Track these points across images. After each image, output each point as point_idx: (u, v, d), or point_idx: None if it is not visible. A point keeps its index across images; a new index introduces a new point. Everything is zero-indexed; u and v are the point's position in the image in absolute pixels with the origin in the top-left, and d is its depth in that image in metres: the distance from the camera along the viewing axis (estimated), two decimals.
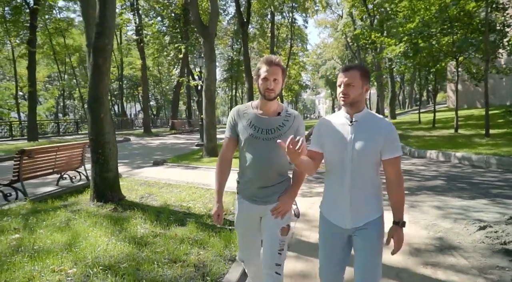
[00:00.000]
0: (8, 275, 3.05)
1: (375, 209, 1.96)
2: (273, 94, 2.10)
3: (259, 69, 2.13)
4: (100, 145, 5.55)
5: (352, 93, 1.89)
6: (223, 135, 2.34)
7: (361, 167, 1.90)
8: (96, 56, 5.33)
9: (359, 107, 1.94)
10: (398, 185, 1.94)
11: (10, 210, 5.30)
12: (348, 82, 1.88)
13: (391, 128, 1.91)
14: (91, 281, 2.95)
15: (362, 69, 1.92)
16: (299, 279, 3.13)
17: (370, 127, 1.91)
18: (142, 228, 4.31)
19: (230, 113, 2.26)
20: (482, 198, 5.63)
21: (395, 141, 1.91)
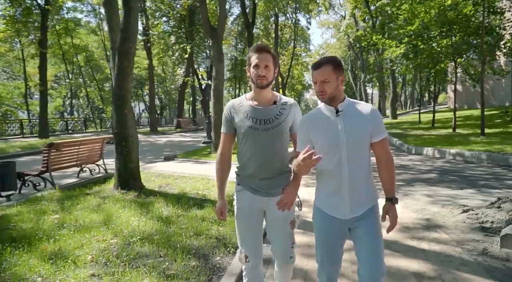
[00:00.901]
0: (62, 243, 3.65)
1: (371, 196, 2.00)
2: (265, 81, 2.05)
3: (249, 58, 2.10)
4: (124, 138, 6.15)
5: (329, 89, 1.89)
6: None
7: (357, 154, 1.92)
8: (121, 58, 5.93)
9: (340, 98, 1.95)
10: (389, 164, 1.99)
11: (43, 196, 5.90)
12: (322, 79, 1.88)
13: (376, 111, 1.96)
14: (132, 248, 3.54)
15: (333, 62, 1.91)
16: (305, 248, 3.71)
17: (357, 114, 1.94)
18: (165, 210, 4.90)
19: (225, 109, 2.21)
20: (469, 188, 6.19)
21: (381, 123, 1.96)
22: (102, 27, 34.10)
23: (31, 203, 5.43)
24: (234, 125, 2.16)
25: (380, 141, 1.95)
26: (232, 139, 2.23)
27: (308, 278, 3.07)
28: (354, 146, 1.90)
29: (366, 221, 1.95)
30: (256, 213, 2.20)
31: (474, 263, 3.28)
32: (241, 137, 2.15)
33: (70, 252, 3.41)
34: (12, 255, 3.35)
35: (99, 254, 3.38)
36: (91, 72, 37.39)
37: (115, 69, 6.02)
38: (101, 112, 44.08)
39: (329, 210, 2.00)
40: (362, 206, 1.96)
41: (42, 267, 3.09)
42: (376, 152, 2.00)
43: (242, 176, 2.20)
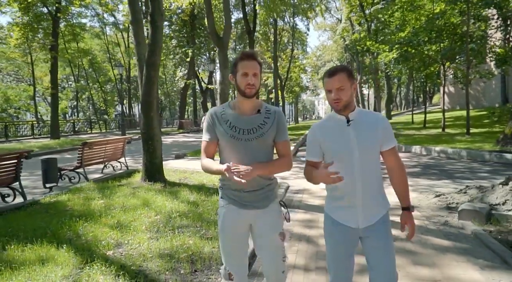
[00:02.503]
0: (119, 217, 4.67)
1: (384, 203, 2.01)
2: (254, 90, 1.97)
3: (236, 65, 2.00)
4: (150, 137, 7.17)
5: (345, 96, 1.88)
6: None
7: (368, 164, 1.92)
8: (149, 69, 6.94)
9: (351, 107, 1.94)
10: (401, 172, 2.00)
11: (82, 187, 6.89)
12: (338, 86, 1.87)
13: (385, 120, 1.98)
14: (174, 221, 4.57)
15: (347, 69, 1.92)
16: (307, 222, 4.74)
17: (367, 123, 1.94)
18: (191, 197, 5.92)
19: (207, 116, 2.13)
20: (446, 179, 7.26)
21: (391, 131, 1.97)
22: (105, 31, 35.10)
23: (75, 192, 6.43)
24: (216, 134, 2.05)
25: (390, 149, 1.97)
26: (214, 148, 2.09)
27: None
28: (366, 155, 1.91)
29: (379, 228, 1.95)
30: (241, 229, 2.09)
31: (436, 230, 4.32)
32: (223, 147, 2.06)
33: (127, 224, 4.43)
34: (83, 226, 4.36)
35: (150, 225, 4.40)
36: (94, 75, 38.34)
37: (143, 79, 7.02)
38: (103, 114, 45.03)
39: (341, 218, 1.99)
40: (375, 214, 1.96)
41: (111, 233, 4.11)
42: (387, 161, 2.01)
43: (226, 189, 2.09)
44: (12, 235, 4.05)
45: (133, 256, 3.51)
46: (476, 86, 28.66)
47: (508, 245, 3.68)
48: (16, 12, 20.05)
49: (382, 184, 2.01)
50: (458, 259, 3.49)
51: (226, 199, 2.08)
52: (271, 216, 2.08)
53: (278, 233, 2.07)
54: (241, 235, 2.10)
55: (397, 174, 2.00)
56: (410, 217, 1.97)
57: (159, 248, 3.67)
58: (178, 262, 3.38)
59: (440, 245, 3.85)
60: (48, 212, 5.20)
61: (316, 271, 3.33)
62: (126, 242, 3.89)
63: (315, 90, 73.95)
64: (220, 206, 2.14)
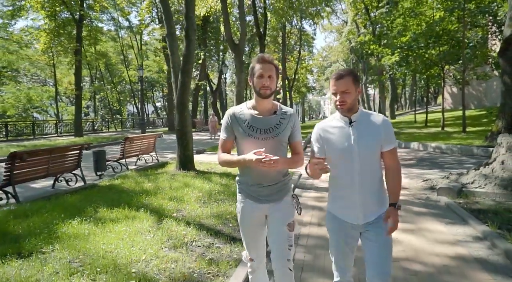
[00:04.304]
0: (170, 194, 5.98)
1: (383, 202, 2.07)
2: (268, 91, 2.11)
3: (253, 68, 2.15)
4: (184, 133, 8.49)
5: (349, 99, 1.96)
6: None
7: (368, 164, 2.00)
8: (184, 76, 8.26)
9: (355, 109, 2.01)
10: (397, 172, 2.07)
11: (127, 175, 8.22)
12: (343, 89, 1.95)
13: (387, 122, 2.03)
14: (215, 195, 5.87)
15: (353, 74, 1.99)
16: (318, 198, 6.01)
17: (369, 125, 2.01)
18: (222, 180, 7.22)
19: (225, 115, 2.25)
20: (436, 169, 8.50)
21: (392, 133, 2.04)
22: (120, 34, 36.61)
23: (124, 178, 7.76)
24: (233, 132, 2.20)
25: (390, 150, 2.04)
26: (231, 146, 2.26)
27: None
28: (366, 155, 1.99)
29: (377, 225, 2.03)
30: (258, 221, 2.26)
31: (418, 202, 5.59)
32: (240, 145, 2.20)
33: (179, 198, 5.74)
34: (146, 199, 5.68)
35: (197, 199, 5.71)
36: (108, 76, 39.92)
37: (179, 84, 8.33)
38: (116, 113, 46.65)
39: (342, 215, 2.10)
40: (374, 212, 2.04)
41: (170, 203, 5.42)
42: (385, 161, 2.08)
43: (243, 184, 2.26)
44: (96, 204, 5.38)
45: (192, 216, 4.82)
46: (478, 87, 29.66)
47: (469, 211, 4.93)
48: (43, 19, 21.48)
49: (382, 184, 2.10)
50: (430, 219, 4.76)
51: (243, 194, 2.26)
52: (284, 208, 2.22)
53: (287, 223, 2.21)
54: (258, 226, 2.27)
55: (393, 174, 2.07)
56: (394, 213, 2.00)
57: (209, 212, 4.99)
58: (226, 220, 4.69)
59: (419, 211, 5.12)
60: (111, 190, 6.53)
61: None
62: (183, 208, 5.21)
63: (321, 91, 75.09)
64: (238, 201, 2.32)
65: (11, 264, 3.26)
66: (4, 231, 4.18)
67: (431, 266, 3.37)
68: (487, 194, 5.48)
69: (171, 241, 3.91)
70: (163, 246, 3.77)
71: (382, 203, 2.07)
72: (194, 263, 3.40)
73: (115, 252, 3.53)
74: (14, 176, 5.98)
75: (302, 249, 3.84)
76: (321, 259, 3.59)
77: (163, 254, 3.54)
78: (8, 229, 4.27)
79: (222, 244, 3.92)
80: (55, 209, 5.10)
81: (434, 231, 4.30)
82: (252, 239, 2.30)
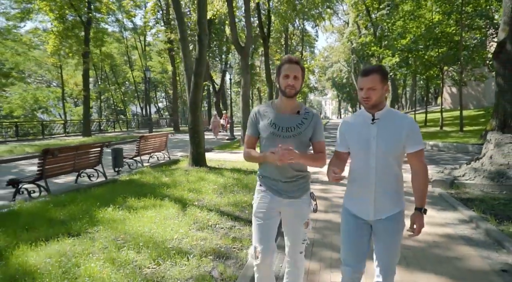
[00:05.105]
0: (188, 186, 6.56)
1: (397, 203, 2.06)
2: (293, 90, 2.17)
3: (279, 68, 2.21)
4: (196, 131, 9.07)
5: (374, 96, 1.97)
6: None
7: (386, 163, 1.99)
8: (196, 78, 8.84)
9: (381, 106, 2.02)
10: (423, 175, 2.04)
11: (143, 171, 8.80)
12: (369, 86, 1.95)
13: (413, 124, 1.99)
14: (229, 187, 6.45)
15: (381, 71, 1.98)
16: (323, 190, 6.59)
17: (392, 124, 1.99)
18: (233, 175, 7.80)
19: (252, 113, 2.35)
20: (433, 165, 9.05)
21: (418, 134, 1.99)
22: (125, 35, 37.24)
23: (141, 174, 8.34)
24: (258, 129, 2.30)
25: (416, 152, 2.00)
26: (255, 142, 2.37)
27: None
28: (384, 154, 1.98)
29: (389, 223, 2.05)
30: (273, 215, 2.31)
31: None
32: (264, 141, 2.28)
33: (197, 190, 6.32)
34: (167, 191, 6.26)
35: (213, 190, 6.29)
36: (112, 77, 40.55)
37: (192, 85, 8.91)
38: (120, 113, 47.29)
39: (355, 210, 2.13)
40: (386, 211, 2.04)
41: (189, 194, 6.01)
42: (410, 163, 2.06)
43: (265, 178, 2.33)
44: (123, 194, 5.95)
45: (211, 205, 5.40)
46: (477, 87, 30.21)
47: (459, 199, 5.50)
48: (51, 21, 22.06)
49: (401, 184, 2.09)
50: None
51: (265, 187, 2.32)
52: (302, 207, 2.30)
53: (304, 222, 2.31)
54: (272, 221, 2.31)
55: (418, 176, 2.05)
56: (420, 218, 1.98)
57: (227, 201, 5.57)
58: (243, 208, 5.27)
59: (413, 201, 5.68)
60: (132, 184, 7.11)
61: (332, 212, 5.19)
62: (202, 198, 5.80)
63: (322, 91, 75.65)
64: (256, 192, 2.38)
65: (64, 242, 3.84)
66: (50, 217, 4.77)
67: (423, 242, 3.94)
68: (476, 185, 6.05)
69: (197, 224, 4.49)
70: (190, 228, 4.35)
71: (396, 204, 2.06)
72: (220, 240, 3.98)
73: (151, 233, 4.10)
74: (46, 171, 6.57)
75: (312, 230, 4.41)
76: (328, 237, 4.17)
77: (192, 234, 4.12)
78: (52, 215, 4.86)
79: (242, 226, 4.50)
80: (87, 199, 5.68)
81: (427, 216, 4.82)
82: (265, 231, 2.29)
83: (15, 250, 3.59)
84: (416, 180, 2.06)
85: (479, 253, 3.64)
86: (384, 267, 2.09)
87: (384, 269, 2.09)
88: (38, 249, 3.64)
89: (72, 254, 3.51)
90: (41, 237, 3.95)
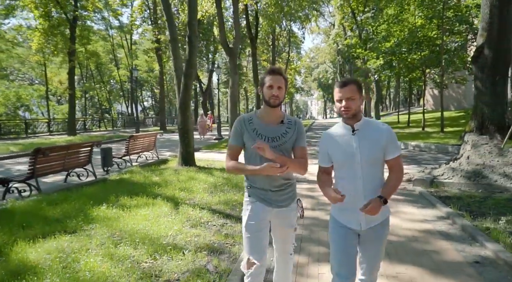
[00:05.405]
0: (179, 185, 6.71)
1: (384, 210, 2.08)
2: (277, 100, 2.23)
3: (263, 79, 2.27)
4: (186, 131, 9.21)
5: (354, 105, 2.03)
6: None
7: (371, 171, 2.06)
8: (186, 79, 8.98)
9: (358, 117, 2.09)
10: (399, 175, 2.11)
11: (133, 170, 8.89)
12: (348, 96, 2.02)
13: (390, 131, 2.09)
14: (220, 186, 6.63)
15: (357, 82, 2.08)
16: (310, 189, 6.83)
17: (372, 133, 2.07)
18: (223, 175, 7.98)
19: (236, 123, 2.36)
20: (414, 165, 9.42)
21: (395, 141, 2.09)
22: (111, 34, 36.91)
23: (131, 173, 8.43)
24: (243, 140, 2.32)
25: (393, 158, 2.08)
26: (240, 152, 2.37)
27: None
28: (368, 163, 2.04)
29: (378, 230, 2.12)
30: (264, 225, 2.35)
31: (396, 191, 6.44)
32: (249, 151, 2.31)
33: (188, 189, 6.48)
34: (158, 190, 6.40)
35: (204, 189, 6.46)
36: (97, 75, 40.13)
37: (182, 86, 9.04)
38: (105, 112, 46.81)
39: (345, 220, 2.15)
40: (376, 219, 2.09)
41: (181, 193, 6.16)
42: (390, 166, 2.13)
43: (254, 188, 2.34)
44: (115, 193, 6.06)
45: (203, 203, 5.58)
46: (458, 89, 31.11)
47: (438, 197, 5.82)
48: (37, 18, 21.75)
49: None
50: (406, 204, 5.63)
51: (254, 197, 2.34)
52: (290, 215, 2.37)
53: (293, 229, 2.39)
54: (264, 231, 2.34)
55: (395, 174, 2.10)
56: (377, 204, 1.95)
57: (218, 200, 5.75)
58: (234, 206, 5.46)
59: (397, 198, 5.99)
60: (122, 183, 7.22)
61: (318, 210, 5.43)
62: (193, 197, 5.96)
63: (308, 92, 76.36)
64: (245, 203, 2.39)
65: (62, 239, 3.97)
66: (44, 215, 4.87)
67: (403, 237, 4.22)
68: (454, 184, 6.39)
69: (190, 221, 4.67)
70: (184, 225, 4.52)
71: (384, 211, 2.08)
72: (213, 236, 4.17)
73: (146, 230, 4.26)
74: (37, 170, 6.63)
75: (300, 227, 4.64)
76: (315, 233, 4.40)
77: (186, 231, 4.29)
78: (47, 214, 4.96)
79: (233, 223, 4.69)
80: (80, 198, 5.78)
81: (408, 213, 5.17)
82: (259, 240, 2.32)
83: (14, 246, 3.71)
84: (392, 176, 2.11)
85: (455, 247, 3.92)
86: (372, 268, 2.20)
87: (371, 268, 2.20)
88: (36, 245, 3.76)
89: (70, 250, 3.64)
90: (38, 234, 4.07)
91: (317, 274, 3.38)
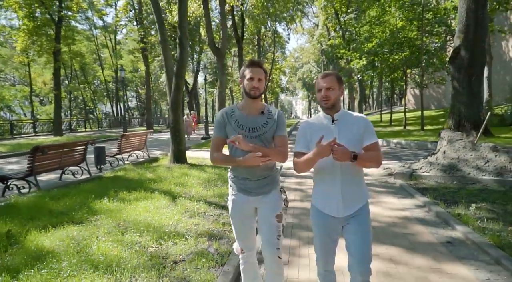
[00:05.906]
0: (174, 181, 7.03)
1: (363, 195, 2.24)
2: (258, 92, 2.30)
3: (243, 71, 2.34)
4: (177, 130, 9.51)
5: (333, 95, 2.14)
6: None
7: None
8: (177, 79, 9.29)
9: (337, 108, 2.20)
10: (377, 153, 2.16)
11: (126, 168, 9.14)
12: (328, 86, 2.13)
13: (367, 120, 2.22)
14: (213, 181, 6.98)
15: (337, 74, 2.20)
16: (299, 183, 7.24)
17: (350, 123, 2.19)
18: (215, 171, 8.32)
19: (218, 115, 2.43)
20: (396, 160, 9.96)
21: (372, 129, 2.20)
22: (95, 34, 36.68)
23: (125, 170, 8.69)
24: (226, 131, 2.38)
25: (372, 144, 2.17)
26: (223, 143, 2.43)
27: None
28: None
29: (358, 218, 2.18)
30: (249, 213, 2.44)
31: (378, 184, 6.93)
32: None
33: (183, 184, 6.81)
34: (154, 185, 6.70)
35: (198, 184, 6.79)
36: (81, 76, 39.78)
37: (173, 86, 9.34)
38: (89, 113, 46.36)
39: (324, 208, 2.23)
40: (354, 205, 2.18)
41: (176, 188, 6.48)
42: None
43: (235, 178, 2.44)
44: (113, 188, 6.34)
45: (198, 196, 5.92)
46: (438, 89, 32.12)
47: (416, 189, 6.31)
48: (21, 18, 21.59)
49: (362, 179, 2.27)
50: (387, 195, 6.10)
51: (235, 188, 2.45)
52: (272, 201, 2.40)
53: (275, 214, 2.39)
54: (248, 218, 2.45)
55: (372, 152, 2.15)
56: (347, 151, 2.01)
57: (212, 193, 6.10)
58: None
59: (379, 190, 6.46)
60: (118, 180, 7.49)
61: (307, 201, 5.83)
62: (189, 191, 6.30)
63: (293, 91, 77.12)
64: (229, 194, 2.53)
65: (71, 228, 4.26)
66: (49, 208, 5.14)
67: (384, 222, 4.66)
68: (431, 176, 6.91)
69: (188, 212, 5.01)
70: (183, 215, 4.86)
71: (362, 196, 2.22)
72: (212, 225, 4.52)
73: (148, 220, 4.58)
74: (35, 167, 6.84)
75: (291, 215, 5.04)
76: (304, 221, 4.80)
77: (185, 220, 4.64)
78: (51, 207, 5.22)
79: None
80: (80, 193, 6.05)
81: (388, 203, 5.64)
82: (243, 230, 2.47)
83: (28, 235, 3.99)
84: (371, 154, 2.16)
85: (429, 230, 4.39)
86: (362, 259, 2.16)
87: (363, 260, 2.16)
88: (48, 234, 4.05)
89: (80, 237, 3.94)
90: (47, 225, 4.35)
91: (308, 254, 3.78)
